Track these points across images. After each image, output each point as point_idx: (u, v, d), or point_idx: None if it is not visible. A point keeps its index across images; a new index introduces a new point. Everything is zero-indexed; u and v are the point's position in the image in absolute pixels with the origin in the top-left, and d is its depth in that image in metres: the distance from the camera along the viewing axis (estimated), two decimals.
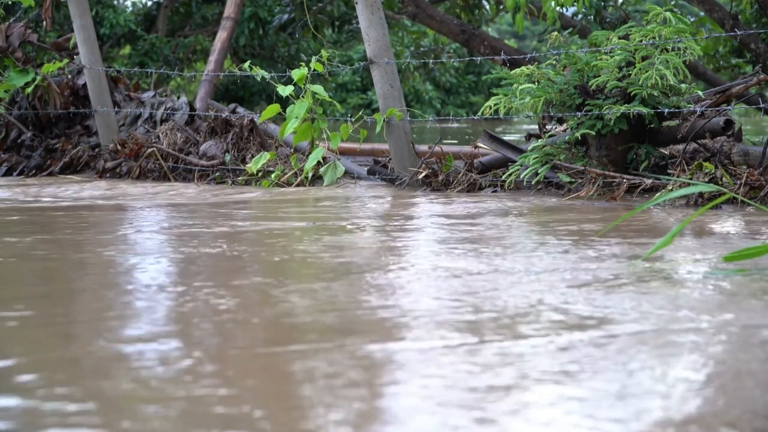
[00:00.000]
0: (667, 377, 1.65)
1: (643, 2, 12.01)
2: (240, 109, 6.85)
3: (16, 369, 1.71)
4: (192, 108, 7.06)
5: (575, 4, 9.14)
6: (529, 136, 5.92)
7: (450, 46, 18.67)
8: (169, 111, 6.99)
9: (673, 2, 10.59)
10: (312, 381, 1.63)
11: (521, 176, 5.01)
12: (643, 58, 4.88)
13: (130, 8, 24.24)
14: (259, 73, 6.00)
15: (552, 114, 5.25)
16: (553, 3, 8.75)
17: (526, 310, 2.15)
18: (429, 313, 2.13)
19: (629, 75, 4.86)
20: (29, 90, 6.95)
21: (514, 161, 5.23)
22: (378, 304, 2.24)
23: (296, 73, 5.79)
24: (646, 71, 4.77)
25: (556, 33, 5.84)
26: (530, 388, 1.59)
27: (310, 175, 5.71)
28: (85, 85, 7.00)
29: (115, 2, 23.04)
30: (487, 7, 12.97)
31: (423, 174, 5.37)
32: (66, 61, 7.12)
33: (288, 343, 1.89)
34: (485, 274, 2.60)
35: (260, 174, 5.88)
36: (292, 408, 1.51)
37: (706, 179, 4.46)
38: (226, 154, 6.21)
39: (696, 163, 4.61)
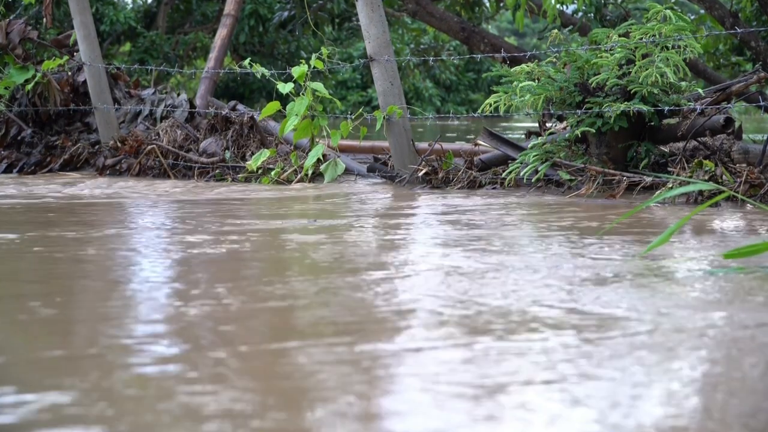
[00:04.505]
0: (665, 376, 1.65)
1: (643, 0, 12.01)
2: (240, 107, 6.85)
3: (15, 367, 1.71)
4: (192, 105, 7.05)
5: (575, 1, 9.14)
6: (529, 134, 5.92)
7: (450, 44, 18.65)
8: (169, 108, 6.99)
9: (673, 0, 10.59)
10: (312, 378, 1.63)
11: (521, 174, 5.01)
12: (644, 56, 4.88)
13: (130, 5, 24.22)
14: (259, 70, 6.00)
15: (552, 112, 5.26)
16: (553, 1, 8.74)
17: (525, 307, 2.15)
18: (429, 311, 2.13)
19: (629, 73, 4.86)
20: (29, 87, 6.95)
21: (514, 159, 5.23)
22: (378, 301, 2.24)
23: (296, 71, 5.79)
24: (646, 69, 4.77)
25: (556, 31, 5.84)
26: (530, 387, 1.59)
27: (310, 172, 5.71)
28: (85, 82, 7.00)
29: None
30: (487, 4, 12.96)
31: (423, 171, 5.37)
32: (66, 58, 7.12)
33: (288, 341, 1.89)
34: (485, 271, 2.60)
35: (260, 171, 5.88)
36: (292, 405, 1.51)
37: (706, 177, 4.46)
38: (226, 151, 6.21)
39: (696, 161, 4.61)
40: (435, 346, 1.83)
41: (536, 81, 5.11)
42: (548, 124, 5.59)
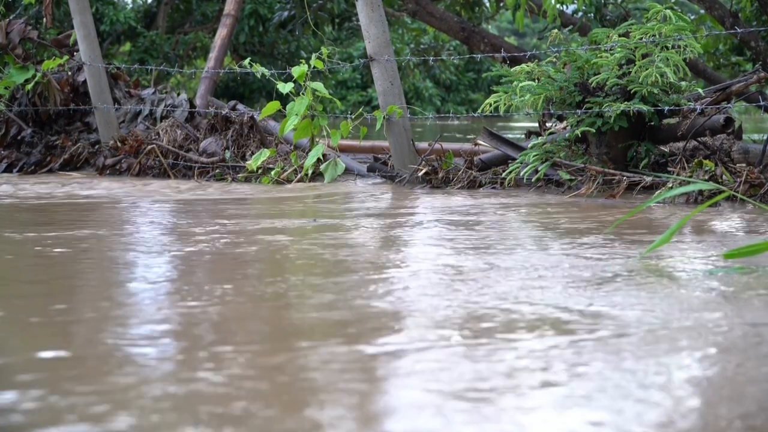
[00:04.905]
0: (665, 376, 1.65)
1: (643, 0, 12.00)
2: (240, 106, 6.86)
3: (16, 366, 1.71)
4: (192, 105, 7.05)
5: (575, 1, 9.14)
6: (529, 134, 5.93)
7: (450, 44, 18.65)
8: (169, 108, 6.99)
9: (673, 0, 10.59)
10: (312, 378, 1.64)
11: (521, 174, 5.01)
12: (644, 56, 4.88)
13: (130, 5, 24.23)
14: (259, 70, 6.00)
15: (552, 111, 5.26)
16: (553, 1, 8.74)
17: (524, 308, 2.15)
18: (429, 311, 2.13)
19: (629, 73, 4.86)
20: (29, 87, 6.95)
21: (514, 159, 5.23)
22: (378, 301, 2.24)
23: (296, 71, 5.79)
24: (646, 69, 4.77)
25: (556, 30, 5.85)
26: (529, 387, 1.59)
27: (310, 172, 5.71)
28: (85, 81, 7.00)
29: None
30: (487, 4, 12.96)
31: (423, 171, 5.37)
32: (66, 57, 7.12)
33: (288, 341, 1.89)
34: (485, 271, 2.60)
35: (260, 171, 5.88)
36: (292, 405, 1.51)
37: (706, 177, 4.46)
38: (226, 151, 6.21)
39: (696, 160, 4.61)
40: (433, 346, 1.83)
41: (536, 81, 5.11)
42: (548, 124, 5.59)
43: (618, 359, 1.73)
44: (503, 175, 5.16)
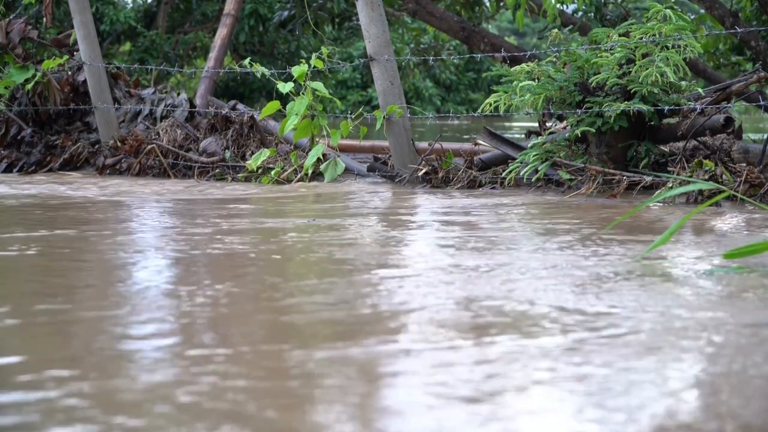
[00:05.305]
0: (665, 376, 1.65)
1: (643, 0, 12.00)
2: (240, 106, 6.86)
3: (17, 367, 1.71)
4: (192, 105, 7.05)
5: (575, 1, 9.14)
6: (529, 134, 5.93)
7: (450, 43, 18.65)
8: (169, 108, 6.99)
9: (673, 0, 10.59)
10: (312, 379, 1.63)
11: (521, 173, 5.01)
12: (644, 56, 4.88)
13: (130, 5, 24.22)
14: (259, 69, 6.00)
15: (552, 111, 5.26)
16: (553, 0, 8.74)
17: (524, 307, 2.15)
18: (429, 311, 2.13)
19: (629, 72, 4.86)
20: (29, 86, 6.95)
21: (514, 158, 5.23)
22: (378, 301, 2.24)
23: (296, 70, 5.79)
24: (647, 68, 4.77)
25: (556, 30, 5.85)
26: (529, 387, 1.59)
27: (310, 171, 5.71)
28: (85, 81, 7.00)
29: None
30: (488, 4, 12.95)
31: (423, 171, 5.37)
32: (66, 57, 7.12)
33: (288, 341, 1.89)
34: (485, 271, 2.60)
35: (260, 171, 5.88)
36: (293, 405, 1.51)
37: (706, 177, 4.46)
38: (226, 150, 6.21)
39: (696, 160, 4.61)
40: (433, 346, 1.83)
41: (536, 80, 5.11)
42: (548, 124, 5.59)
43: (618, 359, 1.73)
44: (503, 174, 5.16)
